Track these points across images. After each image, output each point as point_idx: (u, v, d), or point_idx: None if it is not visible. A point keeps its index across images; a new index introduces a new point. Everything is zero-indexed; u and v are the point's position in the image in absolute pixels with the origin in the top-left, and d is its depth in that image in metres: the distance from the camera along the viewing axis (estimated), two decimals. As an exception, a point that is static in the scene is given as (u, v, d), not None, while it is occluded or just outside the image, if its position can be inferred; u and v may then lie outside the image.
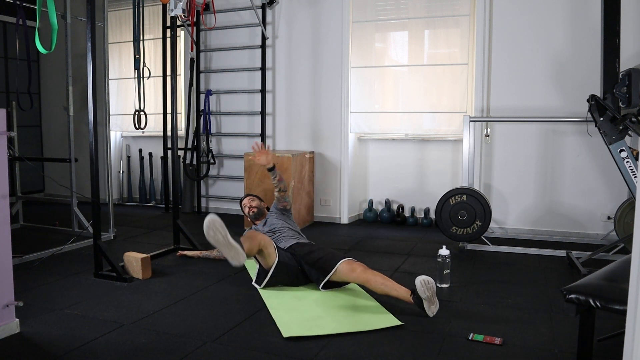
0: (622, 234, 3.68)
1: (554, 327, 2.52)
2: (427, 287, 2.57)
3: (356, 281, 2.84)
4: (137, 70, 4.77)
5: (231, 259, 2.33)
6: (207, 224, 2.33)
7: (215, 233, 2.31)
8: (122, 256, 3.38)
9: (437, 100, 4.86)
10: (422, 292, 2.57)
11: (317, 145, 5.19)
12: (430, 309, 2.59)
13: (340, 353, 2.23)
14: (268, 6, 5.20)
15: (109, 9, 5.11)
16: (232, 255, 2.32)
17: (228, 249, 2.32)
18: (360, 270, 2.80)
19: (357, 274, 2.79)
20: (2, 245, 2.36)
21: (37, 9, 3.08)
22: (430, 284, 2.58)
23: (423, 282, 2.57)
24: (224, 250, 2.32)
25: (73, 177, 4.40)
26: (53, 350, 2.25)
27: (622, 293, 1.64)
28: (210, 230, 2.31)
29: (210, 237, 2.32)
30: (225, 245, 2.32)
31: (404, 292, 2.67)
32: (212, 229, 2.31)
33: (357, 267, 2.82)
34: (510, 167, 4.56)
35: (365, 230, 4.81)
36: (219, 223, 2.34)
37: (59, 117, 6.00)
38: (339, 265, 2.85)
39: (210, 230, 2.31)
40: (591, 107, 3.52)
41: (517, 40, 4.45)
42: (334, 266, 2.86)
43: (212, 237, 2.32)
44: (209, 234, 2.31)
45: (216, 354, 2.23)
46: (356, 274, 2.79)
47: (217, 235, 2.31)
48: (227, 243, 2.31)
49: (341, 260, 2.87)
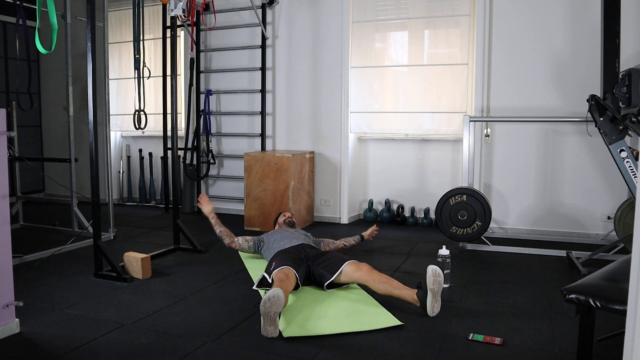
0: (622, 234, 3.68)
1: (554, 327, 2.52)
2: (436, 279, 2.58)
3: (360, 280, 2.87)
4: (137, 70, 4.76)
5: (264, 332, 2.40)
6: (270, 296, 2.38)
7: (271, 307, 2.37)
8: (122, 256, 3.38)
9: (437, 100, 4.86)
10: (430, 282, 2.58)
11: (317, 145, 5.19)
12: (434, 306, 2.60)
13: (340, 353, 2.23)
14: (268, 6, 5.20)
15: (109, 9, 5.12)
16: (268, 330, 2.39)
17: (269, 323, 2.39)
18: (365, 269, 2.86)
19: (362, 273, 2.84)
20: (2, 245, 2.36)
21: (37, 9, 3.08)
22: (439, 277, 2.60)
23: (434, 271, 2.59)
24: (266, 323, 2.39)
25: (73, 177, 4.40)
26: (53, 350, 2.25)
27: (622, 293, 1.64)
28: (268, 301, 2.37)
29: (266, 307, 2.37)
30: (270, 320, 2.39)
31: (408, 291, 2.69)
32: (270, 301, 2.37)
33: (362, 266, 2.88)
34: (510, 167, 4.56)
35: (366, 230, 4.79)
36: (280, 300, 2.39)
37: (59, 117, 6.00)
38: (345, 266, 2.90)
39: (268, 302, 2.36)
40: (591, 107, 3.52)
41: (517, 40, 4.45)
42: (340, 266, 2.91)
43: (267, 308, 2.37)
44: (265, 304, 2.36)
45: (216, 354, 2.23)
46: (361, 273, 2.84)
47: (271, 309, 2.37)
48: (273, 319, 2.39)
49: (347, 262, 2.93)
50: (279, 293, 2.40)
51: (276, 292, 2.40)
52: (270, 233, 3.58)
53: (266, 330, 2.38)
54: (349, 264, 2.91)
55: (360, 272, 2.85)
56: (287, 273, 2.81)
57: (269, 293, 2.39)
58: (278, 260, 2.96)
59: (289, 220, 3.81)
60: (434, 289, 2.59)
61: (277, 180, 4.68)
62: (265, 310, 2.37)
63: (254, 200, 4.78)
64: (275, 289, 2.42)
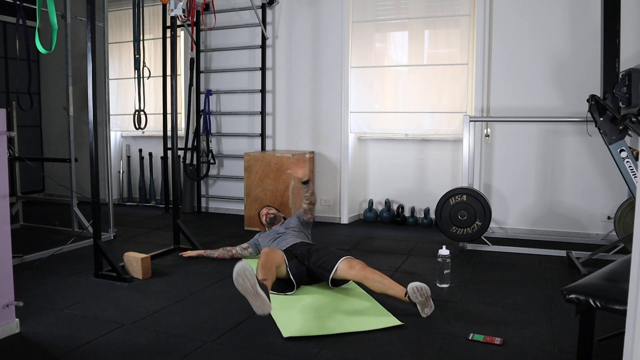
0: (622, 234, 3.68)
1: (554, 327, 2.52)
2: (420, 293, 2.58)
3: (354, 278, 2.87)
4: (137, 70, 4.76)
5: (256, 309, 2.32)
6: (237, 272, 2.32)
7: (244, 281, 2.30)
8: (122, 256, 3.38)
9: (437, 100, 4.86)
10: (415, 298, 2.59)
11: (317, 145, 5.19)
12: (424, 310, 2.60)
13: (340, 353, 2.23)
14: (268, 6, 5.20)
15: (109, 9, 5.11)
16: (257, 305, 2.31)
17: (254, 298, 2.31)
18: (359, 267, 2.84)
19: (355, 271, 2.83)
20: (2, 245, 2.36)
21: (37, 9, 3.08)
22: (423, 290, 2.59)
23: (415, 289, 2.59)
24: (250, 299, 2.31)
25: (73, 177, 4.40)
26: (53, 350, 2.25)
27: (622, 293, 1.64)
28: (239, 277, 2.30)
29: (239, 284, 2.31)
30: (252, 294, 2.31)
31: (400, 290, 2.69)
32: (241, 277, 2.31)
33: (355, 264, 2.87)
34: (510, 167, 4.56)
35: (365, 230, 4.81)
36: (249, 272, 2.33)
37: (59, 117, 6.00)
38: (339, 264, 2.89)
39: (240, 278, 2.30)
40: (591, 107, 3.51)
41: (517, 40, 4.45)
42: (334, 265, 2.90)
43: (241, 284, 2.31)
44: (237, 280, 2.31)
45: (216, 354, 2.23)
46: (355, 272, 2.83)
47: (245, 283, 2.30)
48: (254, 292, 2.31)
49: (341, 259, 2.92)
50: (242, 265, 2.35)
51: (240, 265, 2.35)
52: (264, 235, 3.62)
53: (257, 307, 2.31)
54: (343, 262, 2.89)
55: (353, 270, 2.84)
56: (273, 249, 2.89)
57: (235, 270, 2.34)
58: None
59: (269, 218, 3.79)
60: (421, 300, 2.58)
61: (277, 180, 4.68)
62: (242, 289, 2.31)
63: (254, 200, 4.79)
64: (239, 263, 2.38)
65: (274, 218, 3.78)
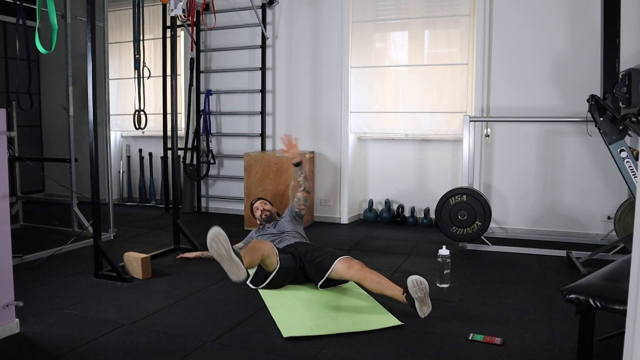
0: (622, 234, 3.68)
1: (554, 327, 2.52)
2: (419, 287, 2.55)
3: (352, 278, 2.85)
4: (137, 70, 4.76)
5: (231, 275, 2.33)
6: (211, 237, 2.33)
7: (219, 246, 2.31)
8: (122, 256, 3.38)
9: (437, 100, 4.86)
10: (414, 293, 2.55)
11: (317, 145, 5.19)
12: (422, 309, 2.58)
13: (340, 353, 2.23)
14: (268, 6, 5.20)
15: (109, 9, 5.11)
16: (232, 271, 2.32)
17: (229, 264, 2.32)
18: (357, 267, 2.82)
19: (354, 271, 2.81)
20: (2, 245, 2.36)
21: (37, 9, 3.08)
22: (422, 284, 2.56)
23: (415, 282, 2.55)
24: (225, 265, 2.32)
25: (73, 177, 4.40)
26: (53, 350, 2.25)
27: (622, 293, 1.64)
28: (213, 242, 2.31)
29: (213, 250, 2.31)
30: (227, 259, 2.32)
31: (398, 290, 2.67)
32: (215, 242, 2.31)
33: (354, 264, 2.85)
34: (510, 167, 4.56)
35: (365, 230, 4.81)
36: (222, 237, 2.34)
37: (59, 117, 6.00)
38: (337, 263, 2.87)
39: (214, 243, 2.30)
40: (591, 107, 3.51)
41: (517, 40, 4.45)
42: (331, 264, 2.89)
43: (215, 250, 2.31)
44: (211, 246, 2.31)
45: (216, 354, 2.23)
46: (353, 272, 2.81)
47: (220, 248, 2.31)
48: (229, 258, 2.32)
49: (339, 258, 2.90)
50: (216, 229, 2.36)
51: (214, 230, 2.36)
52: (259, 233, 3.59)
53: (232, 273, 2.31)
54: (341, 262, 2.87)
55: (351, 270, 2.82)
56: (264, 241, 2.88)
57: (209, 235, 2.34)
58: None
59: (265, 217, 3.66)
60: (420, 296, 2.56)
61: (277, 180, 4.68)
62: (216, 254, 2.32)
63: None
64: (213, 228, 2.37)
65: (270, 217, 3.68)
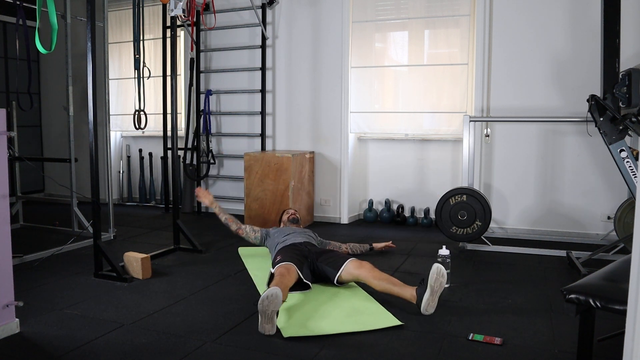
0: (622, 234, 3.68)
1: (554, 327, 2.52)
2: (439, 277, 2.60)
3: (361, 277, 2.90)
4: (137, 70, 4.76)
5: (262, 330, 2.43)
6: (267, 295, 2.40)
7: (269, 305, 2.39)
8: (122, 256, 3.38)
9: (437, 100, 4.86)
10: (432, 280, 2.60)
11: (317, 145, 5.19)
12: (429, 304, 2.61)
13: (340, 353, 2.23)
14: (268, 6, 5.20)
15: (109, 9, 5.11)
16: (266, 328, 2.42)
17: (267, 322, 2.42)
18: (368, 267, 2.91)
19: (364, 269, 2.89)
20: (2, 245, 2.36)
21: (37, 9, 3.08)
22: (443, 277, 2.62)
23: (438, 269, 2.61)
24: (263, 320, 2.42)
25: (73, 177, 4.40)
26: (53, 350, 2.25)
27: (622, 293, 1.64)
28: (266, 300, 2.39)
29: (263, 305, 2.39)
30: (268, 318, 2.41)
31: (408, 289, 2.71)
32: (268, 300, 2.39)
33: (364, 264, 2.94)
34: (510, 167, 4.56)
35: (365, 230, 4.81)
36: (278, 300, 2.42)
37: (59, 117, 5.99)
38: (348, 263, 2.96)
39: (267, 301, 2.39)
40: (591, 107, 3.51)
41: (517, 40, 4.45)
42: (343, 263, 2.97)
43: (265, 306, 2.39)
44: (263, 302, 2.39)
45: (216, 354, 2.23)
46: (363, 270, 2.89)
47: (269, 308, 2.40)
48: (270, 318, 2.41)
49: (350, 259, 3.00)
50: (277, 292, 2.41)
51: (274, 290, 2.41)
52: (277, 229, 3.64)
53: (264, 328, 2.40)
54: (351, 261, 2.96)
55: (362, 269, 2.90)
56: (289, 268, 2.85)
57: (268, 291, 2.40)
58: (282, 255, 3.01)
59: (293, 217, 3.87)
60: (435, 287, 2.60)
61: (277, 180, 4.68)
62: (263, 309, 2.38)
63: (254, 200, 4.78)
64: (274, 288, 2.44)
65: (296, 219, 3.86)
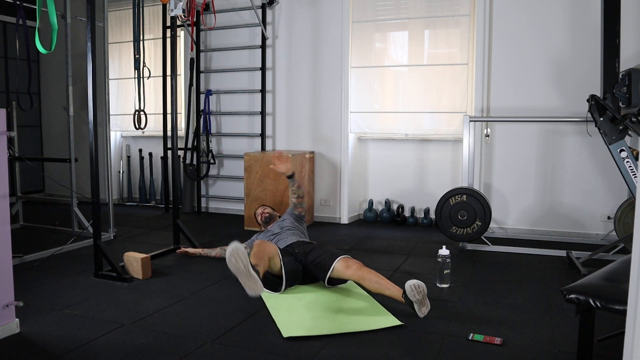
0: (622, 234, 3.68)
1: (554, 327, 2.52)
2: (417, 291, 2.57)
3: (351, 278, 2.86)
4: (137, 70, 4.76)
5: (248, 289, 2.36)
6: (230, 252, 2.35)
7: (237, 261, 2.33)
8: (122, 256, 3.38)
9: (437, 100, 4.86)
10: (412, 296, 2.57)
11: (317, 145, 5.19)
12: (421, 310, 2.59)
13: (340, 353, 2.23)
14: (268, 6, 5.20)
15: (109, 9, 5.11)
16: (249, 286, 2.35)
17: (247, 278, 2.34)
18: (355, 267, 2.83)
19: (352, 271, 2.83)
20: (2, 245, 2.36)
21: (37, 9, 3.08)
22: (420, 287, 2.58)
23: (413, 287, 2.58)
24: (243, 279, 2.35)
25: (73, 177, 4.40)
26: (53, 350, 2.25)
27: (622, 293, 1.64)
28: (232, 257, 2.33)
29: (232, 264, 2.34)
30: (245, 274, 2.34)
31: (397, 291, 2.68)
32: (234, 257, 2.33)
33: (352, 264, 2.86)
34: (510, 167, 4.56)
35: (365, 230, 4.81)
36: (241, 252, 2.36)
37: (59, 117, 6.00)
38: (336, 264, 2.89)
39: (232, 258, 2.33)
40: (591, 107, 3.51)
41: (517, 40, 4.45)
42: (331, 264, 2.90)
43: (234, 264, 2.33)
44: (230, 260, 2.33)
45: (216, 354, 2.23)
46: (351, 271, 2.83)
47: (238, 263, 2.33)
48: (247, 273, 2.34)
49: (338, 258, 2.91)
50: (235, 245, 2.38)
51: (232, 245, 2.38)
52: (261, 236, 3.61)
53: (249, 288, 2.33)
54: (339, 262, 2.89)
55: (350, 270, 2.83)
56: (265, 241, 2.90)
57: (228, 250, 2.37)
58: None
59: (264, 218, 3.77)
60: (418, 299, 2.57)
61: (277, 180, 4.68)
62: (235, 269, 2.34)
63: (254, 200, 4.78)
64: (232, 243, 2.40)
65: (269, 217, 3.76)
